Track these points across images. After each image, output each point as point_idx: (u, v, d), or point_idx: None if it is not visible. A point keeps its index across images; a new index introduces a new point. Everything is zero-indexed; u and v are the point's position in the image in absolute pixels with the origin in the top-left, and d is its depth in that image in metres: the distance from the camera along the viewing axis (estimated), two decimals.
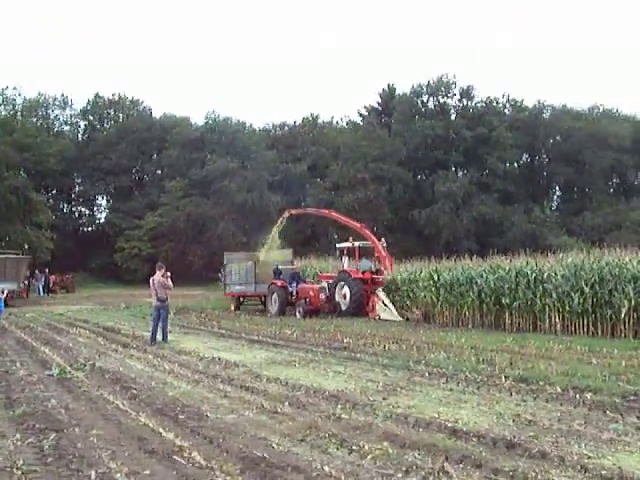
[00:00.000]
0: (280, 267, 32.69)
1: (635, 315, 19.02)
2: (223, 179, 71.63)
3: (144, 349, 17.62)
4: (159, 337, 19.02)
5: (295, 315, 29.02)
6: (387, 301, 27.72)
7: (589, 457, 7.17)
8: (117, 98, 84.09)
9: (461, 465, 6.86)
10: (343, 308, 28.89)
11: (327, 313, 28.63)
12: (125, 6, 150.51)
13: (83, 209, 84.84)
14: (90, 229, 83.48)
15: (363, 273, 29.66)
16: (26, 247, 59.17)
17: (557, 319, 21.07)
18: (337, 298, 29.27)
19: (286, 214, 36.97)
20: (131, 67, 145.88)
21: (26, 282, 45.32)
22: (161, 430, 8.34)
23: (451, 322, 25.20)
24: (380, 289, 28.35)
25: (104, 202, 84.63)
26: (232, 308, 34.96)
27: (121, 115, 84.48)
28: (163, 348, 17.78)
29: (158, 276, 19.41)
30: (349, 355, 15.79)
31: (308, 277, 35.88)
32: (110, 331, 23.03)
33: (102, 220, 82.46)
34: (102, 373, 13.38)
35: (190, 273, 63.78)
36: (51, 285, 55.64)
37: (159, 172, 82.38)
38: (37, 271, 54.55)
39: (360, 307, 28.40)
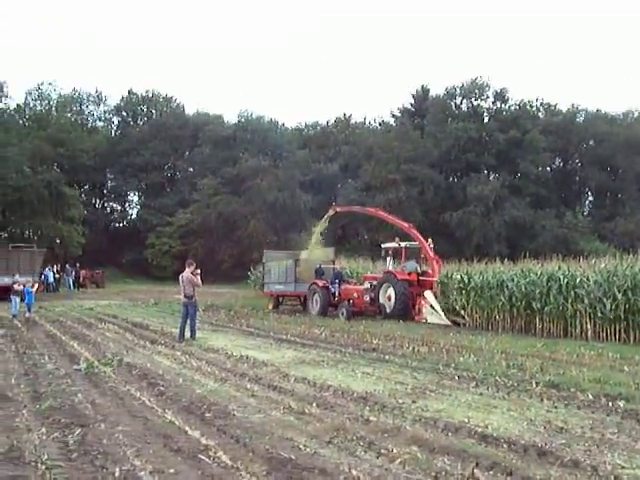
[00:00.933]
0: (323, 267, 31.66)
1: None
2: (255, 177, 71.77)
3: (172, 345, 17.57)
4: (187, 334, 19.00)
5: (338, 317, 27.65)
6: (435, 304, 26.47)
7: (622, 467, 6.98)
8: (150, 95, 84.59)
9: (491, 472, 6.70)
10: (388, 310, 27.75)
11: (371, 315, 27.72)
12: (160, 3, 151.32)
13: (115, 205, 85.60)
14: (121, 225, 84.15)
15: (409, 274, 28.51)
16: (58, 242, 59.79)
17: (588, 325, 20.78)
18: (381, 300, 28.17)
19: (331, 212, 35.05)
20: (165, 64, 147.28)
21: (42, 276, 45.41)
22: (187, 428, 8.27)
23: (481, 326, 25.00)
24: (429, 291, 27.14)
25: (135, 198, 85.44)
26: (270, 307, 34.07)
27: (154, 112, 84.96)
28: (191, 345, 17.75)
29: (187, 273, 19.39)
30: (378, 357, 15.65)
31: (353, 278, 34.15)
32: (138, 327, 23.08)
33: (133, 216, 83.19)
34: (129, 369, 13.37)
35: (219, 271, 63.92)
36: (81, 280, 55.98)
37: (191, 169, 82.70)
38: (68, 265, 55.01)
39: (406, 310, 27.18)
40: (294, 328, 22.90)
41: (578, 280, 21.45)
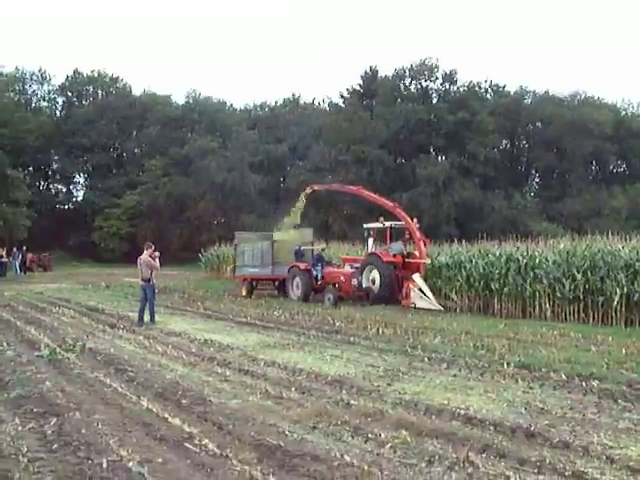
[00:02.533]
0: (302, 248, 29.85)
1: (626, 303, 18.91)
2: (203, 158, 71.27)
3: (132, 330, 17.29)
4: (146, 318, 18.72)
5: (324, 302, 25.46)
6: (425, 288, 24.37)
7: (611, 447, 7.00)
8: (96, 74, 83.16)
9: (484, 455, 6.69)
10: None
11: (358, 300, 25.61)
12: None
13: (61, 186, 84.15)
14: (68, 207, 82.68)
15: (394, 256, 26.23)
16: (2, 225, 58.55)
17: (547, 305, 20.92)
18: (364, 284, 25.80)
19: (308, 190, 32.56)
20: (111, 43, 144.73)
21: None
22: (166, 415, 8.09)
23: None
24: (417, 274, 24.88)
25: (82, 180, 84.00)
26: (243, 293, 31.13)
27: (100, 92, 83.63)
28: (151, 329, 17.46)
29: (145, 255, 19.09)
30: (343, 339, 15.60)
31: (335, 261, 30.62)
32: (94, 311, 22.66)
33: (80, 198, 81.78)
34: (93, 354, 13.08)
35: (169, 253, 63.26)
36: (28, 263, 54.85)
37: (138, 150, 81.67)
38: (15, 249, 53.87)
39: (391, 294, 25.18)
40: (252, 310, 22.69)
41: (537, 261, 21.57)
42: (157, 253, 19.46)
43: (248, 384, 10.18)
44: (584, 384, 10.11)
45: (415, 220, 26.79)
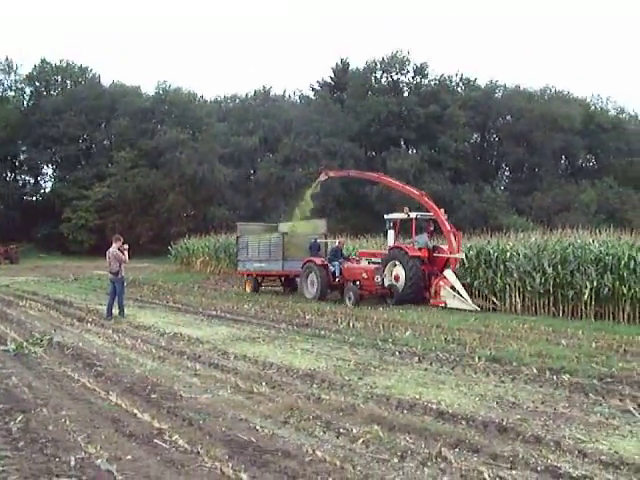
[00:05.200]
0: (320, 241, 27.57)
1: (596, 296, 19.03)
2: (173, 150, 70.75)
3: (101, 323, 17.11)
4: (115, 311, 18.54)
5: (345, 302, 22.92)
6: (459, 286, 21.92)
7: (583, 441, 7.02)
8: (65, 64, 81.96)
9: (457, 450, 6.65)
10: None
11: (381, 298, 23.11)
12: None
13: (28, 178, 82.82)
14: (35, 199, 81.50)
15: (419, 250, 23.76)
16: None
17: (518, 299, 21.02)
18: (386, 281, 23.34)
19: (322, 177, 29.41)
20: (80, 33, 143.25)
21: None
22: (135, 411, 7.96)
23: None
24: (449, 271, 22.46)
25: (50, 171, 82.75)
26: (248, 289, 28.93)
27: (69, 82, 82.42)
28: (120, 323, 17.29)
29: (114, 248, 18.88)
30: (313, 332, 15.52)
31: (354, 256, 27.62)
32: (62, 304, 22.41)
33: (48, 190, 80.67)
34: (61, 348, 12.89)
35: (138, 245, 62.86)
36: None
37: (108, 142, 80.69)
38: None
39: (418, 292, 22.99)
40: (222, 304, 22.60)
41: (508, 254, 21.65)
42: (126, 246, 19.27)
43: (218, 378, 10.08)
44: (555, 378, 10.12)
45: (442, 210, 24.11)
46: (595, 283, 18.81)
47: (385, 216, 26.41)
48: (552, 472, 6.05)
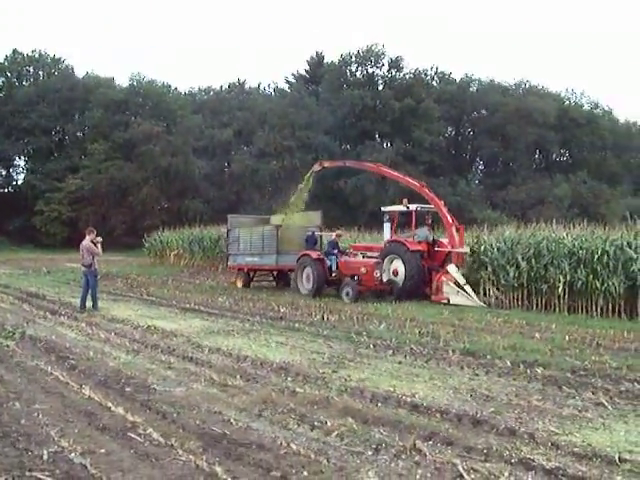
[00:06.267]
0: (317, 234, 26.37)
1: (569, 290, 19.15)
2: (147, 142, 70.26)
3: (74, 316, 16.99)
4: (89, 304, 18.41)
5: (342, 298, 21.79)
6: (463, 282, 21.15)
7: (556, 434, 7.09)
8: (37, 55, 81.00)
9: (431, 442, 6.70)
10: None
11: (380, 294, 22.31)
12: None
13: (0, 170, 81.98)
14: (7, 191, 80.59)
15: (419, 244, 22.83)
16: None
17: (492, 292, 21.11)
18: (385, 276, 22.62)
19: (316, 167, 28.58)
20: (52, 23, 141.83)
21: None
22: (109, 404, 7.93)
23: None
24: (452, 266, 21.54)
25: (22, 163, 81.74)
26: (239, 284, 27.80)
27: (41, 73, 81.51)
28: (94, 316, 17.18)
29: (87, 241, 18.79)
30: (288, 325, 15.54)
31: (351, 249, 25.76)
32: (34, 297, 22.21)
33: (20, 182, 79.75)
34: (34, 342, 12.78)
35: (112, 238, 62.42)
36: None
37: (81, 134, 79.92)
38: None
39: (418, 287, 22.16)
40: (196, 297, 22.50)
41: (482, 248, 21.70)
42: (99, 238, 19.14)
43: (192, 371, 10.07)
44: (528, 371, 10.22)
45: (442, 202, 23.37)
46: (568, 277, 18.93)
47: (382, 209, 25.54)
48: (526, 464, 6.11)
